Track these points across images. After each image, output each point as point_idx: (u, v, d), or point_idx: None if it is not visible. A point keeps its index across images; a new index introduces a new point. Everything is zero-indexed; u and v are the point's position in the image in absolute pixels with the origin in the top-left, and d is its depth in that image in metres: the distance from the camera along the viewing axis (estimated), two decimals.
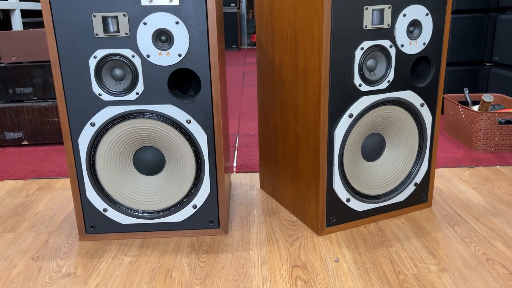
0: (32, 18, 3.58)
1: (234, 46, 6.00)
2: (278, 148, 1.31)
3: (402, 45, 1.12)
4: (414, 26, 1.13)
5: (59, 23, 1.01)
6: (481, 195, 1.38)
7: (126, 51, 1.03)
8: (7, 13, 3.01)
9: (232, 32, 5.95)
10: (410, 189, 1.26)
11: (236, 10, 5.87)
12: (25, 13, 3.37)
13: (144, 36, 1.03)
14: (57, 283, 0.99)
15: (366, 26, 1.06)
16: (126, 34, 1.02)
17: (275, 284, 0.97)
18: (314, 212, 1.17)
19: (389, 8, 1.07)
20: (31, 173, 1.65)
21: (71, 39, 1.02)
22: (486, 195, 1.39)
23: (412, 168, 1.25)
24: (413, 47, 1.14)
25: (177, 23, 1.02)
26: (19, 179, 1.61)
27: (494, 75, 2.30)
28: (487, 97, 1.80)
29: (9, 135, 1.96)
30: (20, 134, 1.96)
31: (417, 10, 1.11)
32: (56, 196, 1.45)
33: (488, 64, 2.38)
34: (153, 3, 1.01)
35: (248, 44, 6.73)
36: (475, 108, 1.93)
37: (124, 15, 1.01)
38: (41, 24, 3.62)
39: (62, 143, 2.00)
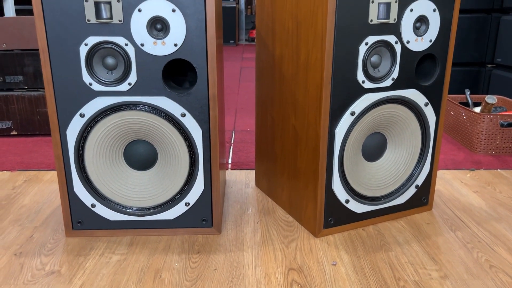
0: (25, 5, 3.50)
1: (232, 41, 5.94)
2: (276, 144, 1.26)
3: (408, 42, 1.07)
4: (421, 22, 1.08)
5: (48, 7, 0.96)
6: (483, 199, 1.35)
7: (119, 39, 0.98)
8: None
9: (230, 27, 5.88)
10: (411, 191, 1.21)
11: (234, 5, 5.81)
12: None
13: (138, 23, 0.97)
14: (40, 281, 0.94)
15: (371, 20, 1.02)
16: (120, 21, 0.97)
17: None
18: (312, 213, 1.12)
19: (395, 2, 1.03)
20: (19, 165, 1.59)
21: (61, 25, 0.97)
22: (487, 199, 1.35)
23: (414, 169, 1.21)
24: (419, 44, 1.09)
25: (173, 11, 0.97)
26: (6, 170, 1.55)
27: (496, 77, 2.27)
28: (490, 99, 1.77)
29: None
30: (9, 124, 1.90)
31: (425, 6, 1.07)
32: (43, 189, 1.39)
33: (489, 66, 2.34)
34: None
35: (246, 40, 6.67)
36: (477, 109, 1.89)
37: (118, 1, 0.96)
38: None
39: None
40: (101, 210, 1.09)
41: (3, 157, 1.67)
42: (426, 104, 1.15)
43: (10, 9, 2.74)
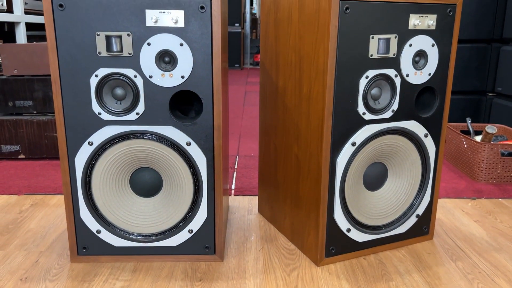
0: (36, 31, 3.60)
1: (237, 65, 6.03)
2: (279, 172, 1.28)
3: (407, 75, 1.11)
4: (420, 56, 1.12)
5: (61, 40, 1.00)
6: (484, 229, 1.35)
7: (128, 71, 1.02)
8: (12, 25, 3.02)
9: (235, 51, 5.98)
10: (412, 220, 1.23)
11: (240, 30, 5.92)
12: (29, 25, 3.38)
13: (147, 56, 1.01)
14: None
15: (371, 55, 1.05)
16: (129, 54, 1.01)
17: None
18: (313, 241, 1.14)
19: (395, 37, 1.07)
20: (26, 188, 1.62)
21: (73, 57, 1.01)
22: (488, 228, 1.36)
23: (414, 199, 1.22)
24: (418, 77, 1.12)
25: (181, 44, 1.01)
26: (13, 194, 1.58)
27: (496, 106, 2.30)
28: (491, 129, 1.79)
29: (6, 148, 1.93)
30: (17, 148, 1.94)
31: (423, 41, 1.10)
32: (49, 214, 1.41)
33: (490, 94, 2.38)
34: (158, 24, 1.00)
35: (250, 64, 6.77)
36: (478, 138, 1.92)
37: (128, 35, 1.00)
38: (45, 38, 3.63)
39: (59, 158, 1.97)
40: (106, 236, 1.11)
41: (10, 180, 1.70)
42: (425, 135, 1.18)
43: (21, 35, 2.82)
